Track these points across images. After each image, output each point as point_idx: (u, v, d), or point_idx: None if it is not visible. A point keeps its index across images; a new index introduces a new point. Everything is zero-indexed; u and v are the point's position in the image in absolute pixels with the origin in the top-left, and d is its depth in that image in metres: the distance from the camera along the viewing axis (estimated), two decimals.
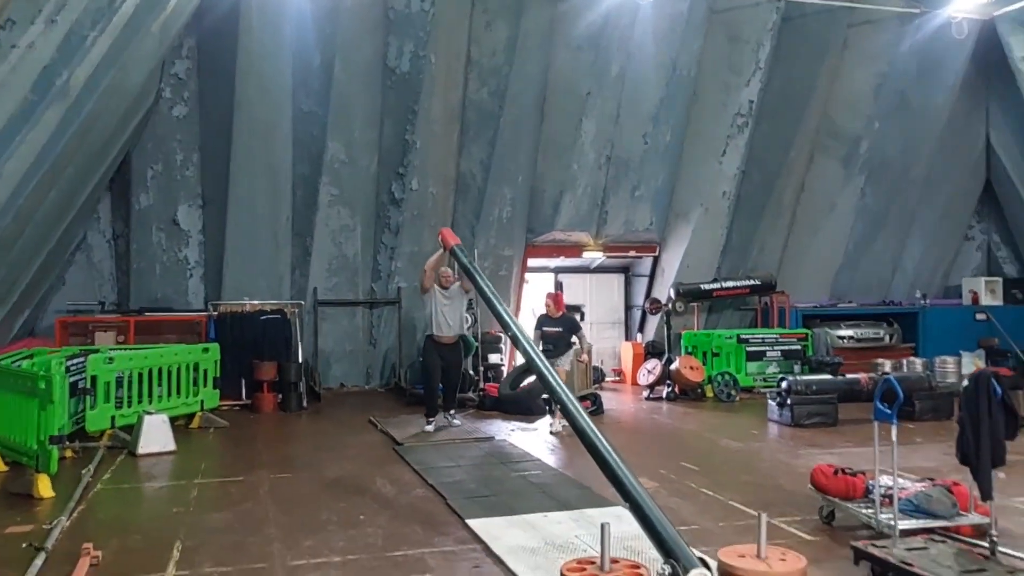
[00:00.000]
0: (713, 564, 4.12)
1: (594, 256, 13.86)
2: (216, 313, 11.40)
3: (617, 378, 14.00)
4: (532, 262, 13.74)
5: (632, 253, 14.10)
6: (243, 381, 11.26)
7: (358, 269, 12.63)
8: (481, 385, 11.85)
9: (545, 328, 9.58)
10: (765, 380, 12.33)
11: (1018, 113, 13.88)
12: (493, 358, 12.77)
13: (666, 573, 4.01)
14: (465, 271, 7.43)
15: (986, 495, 4.79)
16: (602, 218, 13.38)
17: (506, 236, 12.97)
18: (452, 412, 9.65)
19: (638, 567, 4.12)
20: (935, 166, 14.60)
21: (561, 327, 9.64)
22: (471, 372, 12.17)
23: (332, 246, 12.39)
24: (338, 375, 12.97)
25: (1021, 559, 4.58)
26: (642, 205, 13.42)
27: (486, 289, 6.84)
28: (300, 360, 11.65)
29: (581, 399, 10.55)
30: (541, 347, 9.04)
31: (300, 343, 11.87)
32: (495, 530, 5.50)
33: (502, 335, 13.30)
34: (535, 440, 9.11)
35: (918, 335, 14.42)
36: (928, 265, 15.53)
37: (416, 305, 12.92)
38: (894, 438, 4.80)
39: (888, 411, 4.76)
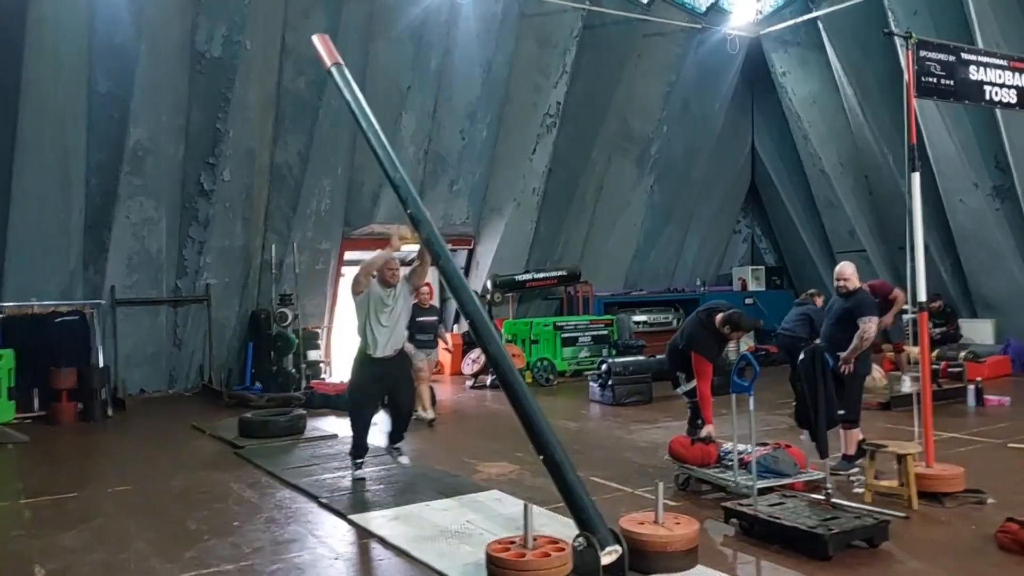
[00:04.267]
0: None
1: (411, 249, 13.90)
2: (2, 316, 10.12)
3: (436, 369, 14.15)
4: (349, 255, 13.55)
5: (449, 246, 14.24)
6: (36, 391, 10.15)
7: (162, 265, 11.76)
8: (305, 383, 11.60)
9: (420, 319, 8.91)
10: (578, 364, 13.15)
11: (777, 122, 15.88)
12: (313, 355, 12.48)
13: (581, 547, 4.32)
14: (356, 119, 6.26)
15: (823, 453, 5.60)
16: None
17: (324, 229, 12.70)
18: (399, 447, 7.05)
19: (557, 542, 4.39)
20: (711, 167, 16.32)
21: (435, 317, 9.54)
22: (293, 370, 11.85)
23: (133, 240, 11.44)
24: (139, 380, 12.00)
25: (852, 506, 5.40)
26: (459, 199, 13.74)
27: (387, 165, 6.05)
28: (101, 365, 10.69)
29: None
30: (418, 338, 8.92)
31: (100, 347, 10.88)
32: (384, 524, 5.52)
33: (320, 331, 13.07)
34: (378, 434, 9.09)
35: None
36: (705, 255, 17.32)
37: (226, 303, 12.34)
38: (751, 408, 5.45)
39: (746, 384, 5.41)
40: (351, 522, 5.62)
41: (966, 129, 12.41)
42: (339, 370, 13.30)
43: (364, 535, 5.37)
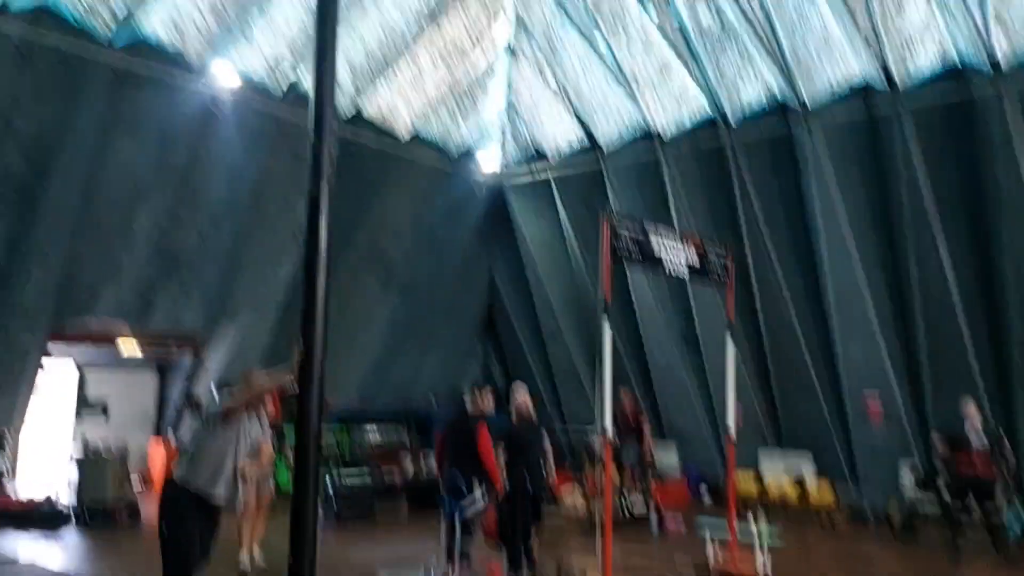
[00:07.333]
0: None
1: (129, 349, 13.04)
2: None
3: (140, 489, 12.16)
4: (56, 350, 12.35)
5: (173, 348, 13.62)
6: None
7: None
8: None
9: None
10: None
11: (512, 256, 17.30)
12: None
13: None
14: None
15: (517, 566, 6.02)
16: (145, 310, 12.78)
17: (28, 321, 11.55)
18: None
19: None
20: (453, 291, 17.20)
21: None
22: None
23: None
24: None
25: None
26: (191, 301, 13.18)
27: None
28: None
29: None
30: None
31: None
32: None
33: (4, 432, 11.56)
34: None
35: (431, 434, 16.39)
36: (441, 374, 17.87)
37: None
38: (457, 527, 5.78)
39: (456, 505, 5.75)
40: None
41: (662, 285, 14.39)
42: (26, 479, 11.83)
43: None
